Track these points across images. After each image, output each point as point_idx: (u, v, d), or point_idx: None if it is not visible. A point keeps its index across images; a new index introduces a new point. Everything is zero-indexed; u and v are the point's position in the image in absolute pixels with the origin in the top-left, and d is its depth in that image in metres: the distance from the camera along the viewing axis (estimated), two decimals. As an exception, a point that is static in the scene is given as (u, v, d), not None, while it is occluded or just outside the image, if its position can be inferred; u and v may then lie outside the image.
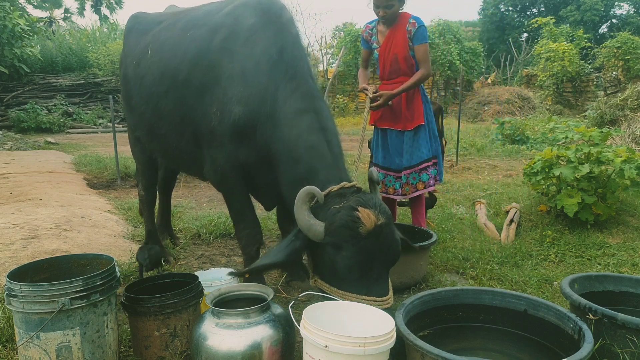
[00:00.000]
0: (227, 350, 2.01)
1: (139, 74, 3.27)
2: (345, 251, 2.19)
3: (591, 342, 1.92)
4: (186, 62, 2.92)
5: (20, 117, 14.12)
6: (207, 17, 3.03)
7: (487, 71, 26.36)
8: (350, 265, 2.20)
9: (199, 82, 2.82)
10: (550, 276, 3.45)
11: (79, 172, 7.68)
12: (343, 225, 2.18)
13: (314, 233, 2.23)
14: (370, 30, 3.94)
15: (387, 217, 2.26)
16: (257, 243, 3.00)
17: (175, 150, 3.21)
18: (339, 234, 2.19)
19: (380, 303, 2.24)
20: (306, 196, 2.25)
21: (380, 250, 2.23)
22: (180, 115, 2.98)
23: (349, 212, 2.20)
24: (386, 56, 3.83)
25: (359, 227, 2.15)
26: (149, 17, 3.69)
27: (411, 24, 3.71)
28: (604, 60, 17.76)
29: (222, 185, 2.96)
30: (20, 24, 13.64)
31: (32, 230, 3.88)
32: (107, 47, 17.38)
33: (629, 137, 9.20)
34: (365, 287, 2.25)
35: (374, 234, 2.18)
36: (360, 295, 2.24)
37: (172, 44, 3.10)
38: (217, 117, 2.72)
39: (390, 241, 2.27)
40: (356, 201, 2.24)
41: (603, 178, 4.54)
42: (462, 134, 10.68)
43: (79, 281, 2.09)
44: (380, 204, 2.30)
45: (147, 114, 3.23)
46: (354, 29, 19.31)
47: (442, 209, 5.37)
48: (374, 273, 2.26)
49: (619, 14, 34.12)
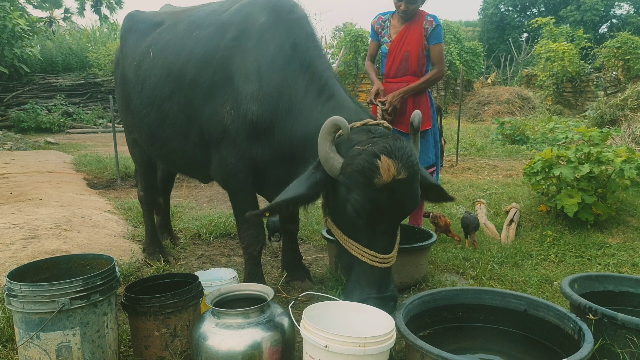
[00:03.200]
0: (227, 350, 2.01)
1: (140, 77, 3.23)
2: (356, 196, 2.11)
3: (591, 342, 1.92)
4: (192, 62, 2.89)
5: (20, 117, 14.12)
6: (213, 17, 3.01)
7: (487, 71, 26.36)
8: (358, 212, 2.13)
9: (208, 82, 2.80)
10: (550, 276, 3.45)
11: (79, 172, 7.68)
12: (359, 170, 2.09)
13: (330, 166, 2.18)
14: (382, 22, 3.81)
15: (411, 172, 2.12)
16: (260, 244, 2.99)
17: (178, 154, 3.18)
18: (353, 178, 2.11)
19: (379, 260, 2.18)
20: (331, 127, 2.18)
21: (393, 205, 2.12)
22: (186, 117, 2.94)
23: (369, 157, 2.09)
24: (397, 52, 3.72)
25: (375, 177, 2.06)
26: (147, 16, 3.62)
27: (428, 21, 3.64)
28: (604, 60, 17.76)
29: (230, 184, 2.92)
30: (20, 24, 13.64)
31: (32, 230, 3.88)
32: (107, 47, 17.38)
33: (629, 137, 9.21)
34: (368, 240, 2.18)
35: (389, 187, 2.07)
36: (361, 247, 2.19)
37: (175, 46, 3.07)
38: (230, 115, 2.69)
39: (406, 197, 2.16)
40: (382, 147, 2.11)
41: (603, 178, 4.54)
42: (462, 134, 10.69)
43: (79, 281, 2.09)
44: (409, 155, 2.14)
45: (149, 117, 3.19)
46: (354, 29, 19.29)
47: (442, 209, 5.36)
48: (381, 227, 2.18)
49: (619, 14, 34.15)
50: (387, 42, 3.79)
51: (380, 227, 2.20)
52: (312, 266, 3.79)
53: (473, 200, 5.58)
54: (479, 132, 13.31)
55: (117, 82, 3.68)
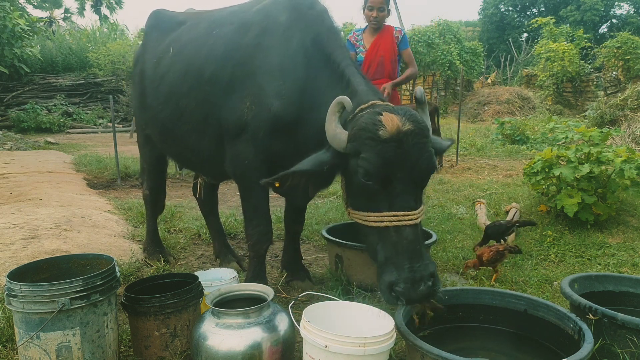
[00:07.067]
0: (227, 350, 2.01)
1: (159, 73, 3.26)
2: (364, 155, 2.06)
3: (591, 342, 1.92)
4: (212, 59, 2.90)
5: (20, 117, 14.13)
6: (233, 16, 3.04)
7: (487, 71, 26.37)
8: (370, 173, 2.06)
9: (228, 78, 2.81)
10: (550, 276, 3.45)
11: (79, 172, 7.68)
12: (363, 127, 2.08)
13: (337, 141, 2.19)
14: (357, 36, 4.48)
15: (418, 127, 2.08)
16: (267, 242, 2.98)
17: (193, 151, 3.18)
18: (358, 137, 2.09)
19: (404, 219, 2.06)
20: (336, 106, 2.21)
21: (403, 160, 2.05)
22: (204, 113, 2.95)
23: (372, 115, 2.10)
24: (373, 58, 4.30)
25: (379, 129, 2.03)
26: (171, 15, 3.68)
27: (397, 31, 4.40)
28: (604, 60, 17.78)
29: (244, 179, 2.91)
30: (20, 24, 13.64)
31: (32, 230, 3.88)
32: (107, 47, 17.39)
33: (629, 137, 9.21)
34: (389, 203, 2.09)
35: (396, 138, 2.02)
36: (383, 214, 2.09)
37: (195, 43, 3.10)
38: (251, 111, 2.71)
39: (418, 151, 2.07)
40: (384, 107, 2.13)
41: (603, 178, 4.54)
42: (462, 134, 10.69)
43: (79, 281, 2.09)
44: (413, 113, 2.13)
45: (164, 113, 3.21)
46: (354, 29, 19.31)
47: (442, 209, 5.37)
48: (398, 187, 2.08)
49: (619, 14, 34.17)
50: (362, 51, 4.40)
51: (397, 187, 2.09)
52: (312, 266, 3.79)
53: (473, 200, 5.59)
54: (479, 132, 13.31)
55: (135, 78, 3.70)
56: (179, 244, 4.27)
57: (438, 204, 5.60)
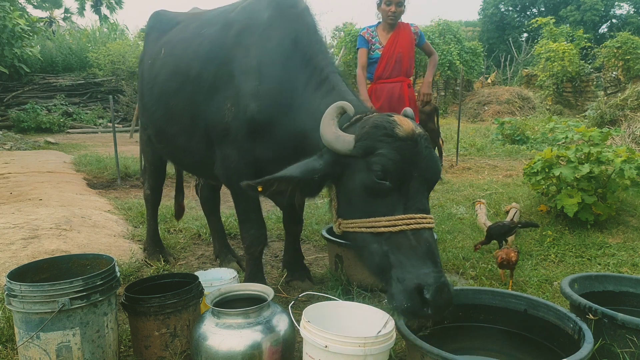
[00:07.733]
0: (227, 350, 2.01)
1: (153, 73, 3.28)
2: (382, 151, 1.97)
3: (591, 342, 1.92)
4: (198, 59, 2.89)
5: (20, 117, 14.13)
6: (221, 15, 3.03)
7: (487, 71, 26.37)
8: (387, 170, 1.96)
9: (212, 78, 2.79)
10: (550, 276, 3.45)
11: (79, 172, 7.68)
12: (377, 125, 2.02)
13: (342, 143, 2.06)
14: (371, 32, 4.42)
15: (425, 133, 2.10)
16: (262, 244, 2.98)
17: (184, 151, 3.18)
18: (372, 135, 2.01)
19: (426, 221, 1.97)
20: (335, 110, 2.13)
21: (420, 158, 2.00)
22: (191, 114, 2.95)
23: (383, 116, 2.08)
24: (390, 55, 4.30)
25: (395, 127, 2.00)
26: (170, 16, 3.68)
27: (415, 27, 4.45)
28: (604, 60, 17.77)
29: (233, 183, 2.87)
30: (20, 24, 13.65)
31: (32, 230, 3.88)
32: (107, 47, 17.38)
33: (629, 137, 9.21)
34: (404, 204, 1.98)
35: (412, 138, 2.00)
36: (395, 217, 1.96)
37: (184, 44, 3.10)
38: (231, 112, 2.67)
39: (430, 153, 2.06)
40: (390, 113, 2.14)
41: (603, 178, 4.54)
42: (462, 134, 10.68)
43: (79, 281, 2.09)
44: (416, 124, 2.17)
45: (157, 113, 3.22)
46: (354, 29, 19.30)
47: (442, 208, 5.37)
48: (414, 187, 1.99)
49: (619, 14, 34.18)
50: (379, 47, 4.37)
51: (412, 187, 2.00)
52: (312, 266, 3.79)
53: (473, 200, 5.59)
54: (479, 132, 13.31)
55: (139, 80, 3.74)
56: (179, 244, 4.28)
57: (438, 204, 5.60)
